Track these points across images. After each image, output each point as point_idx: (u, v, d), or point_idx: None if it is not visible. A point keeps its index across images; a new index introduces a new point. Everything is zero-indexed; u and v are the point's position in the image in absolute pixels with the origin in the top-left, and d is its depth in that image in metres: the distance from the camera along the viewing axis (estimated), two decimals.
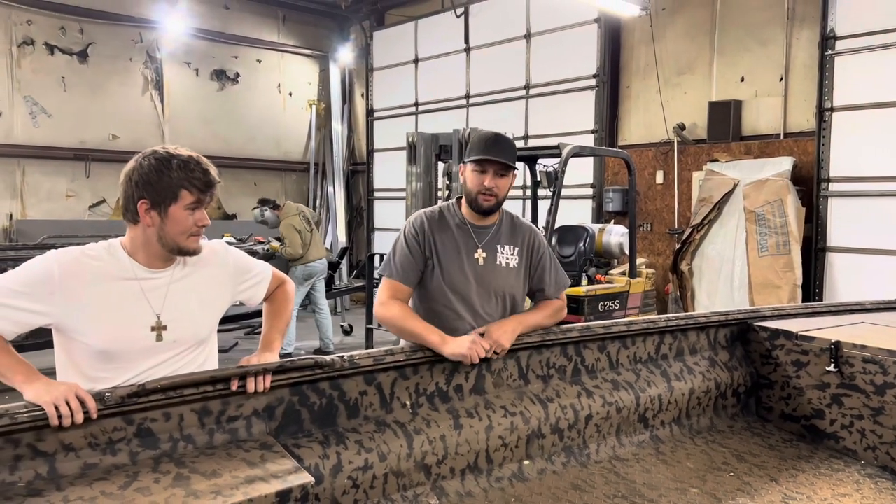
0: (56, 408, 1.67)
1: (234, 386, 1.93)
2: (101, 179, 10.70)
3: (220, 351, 2.37)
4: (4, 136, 9.85)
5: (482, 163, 2.52)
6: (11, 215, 10.04)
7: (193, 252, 2.02)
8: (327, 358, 2.11)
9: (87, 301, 1.90)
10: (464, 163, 2.61)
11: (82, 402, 1.71)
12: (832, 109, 7.15)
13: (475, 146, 2.56)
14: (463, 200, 2.66)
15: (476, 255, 2.60)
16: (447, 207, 2.69)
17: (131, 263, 1.98)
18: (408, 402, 2.28)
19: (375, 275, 2.67)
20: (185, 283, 2.07)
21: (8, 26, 9.86)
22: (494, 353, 2.42)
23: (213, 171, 2.01)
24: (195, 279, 2.09)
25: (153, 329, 1.98)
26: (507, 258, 2.64)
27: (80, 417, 1.69)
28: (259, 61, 12.49)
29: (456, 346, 2.33)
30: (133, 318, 1.96)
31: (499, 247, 2.64)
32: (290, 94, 12.95)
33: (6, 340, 1.88)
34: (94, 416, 1.72)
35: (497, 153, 2.51)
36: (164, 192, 1.91)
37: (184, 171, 1.92)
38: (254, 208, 8.47)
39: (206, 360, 2.16)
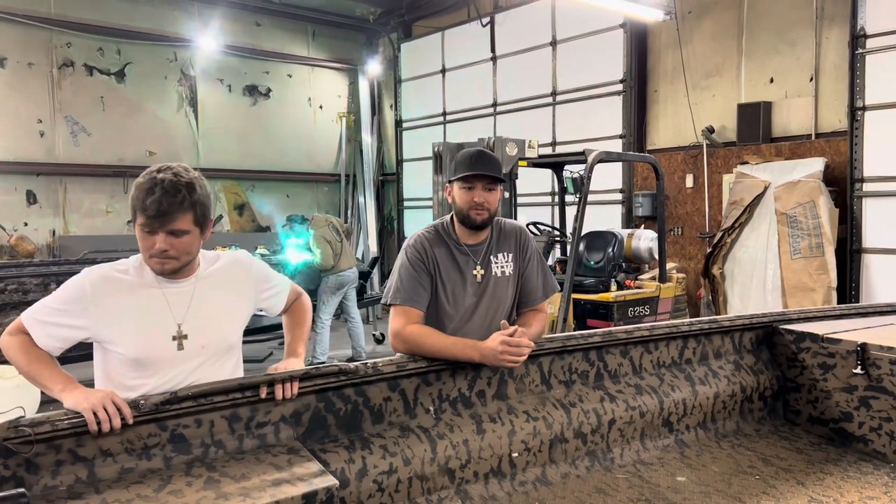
0: (94, 413, 1.76)
1: (263, 393, 2.00)
2: None
3: (255, 361, 2.45)
4: (47, 155, 10.18)
5: (469, 179, 2.50)
6: (54, 231, 10.35)
7: (158, 273, 2.03)
8: (351, 365, 2.18)
9: (117, 312, 2.00)
10: (450, 182, 2.59)
11: (119, 409, 1.80)
12: (864, 108, 7.04)
13: (461, 164, 2.54)
14: (455, 220, 2.62)
15: (475, 273, 2.58)
16: (441, 226, 2.65)
17: (154, 276, 2.06)
18: (431, 408, 2.33)
19: (383, 302, 2.65)
20: (210, 290, 2.13)
21: (49, 49, 10.20)
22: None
23: (182, 198, 1.94)
24: (219, 287, 2.16)
25: (174, 338, 2.05)
26: (503, 267, 2.62)
27: (117, 422, 1.78)
28: (290, 76, 12.70)
29: (492, 359, 2.30)
30: (156, 325, 2.04)
31: (492, 258, 2.62)
32: (321, 107, 13.14)
33: (52, 356, 2.01)
34: (130, 421, 1.81)
35: (483, 168, 2.50)
36: (133, 210, 1.98)
37: (142, 193, 1.94)
38: (283, 226, 8.60)
39: (236, 366, 2.23)
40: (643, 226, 8.62)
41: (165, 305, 2.05)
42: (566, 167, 7.08)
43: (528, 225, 6.88)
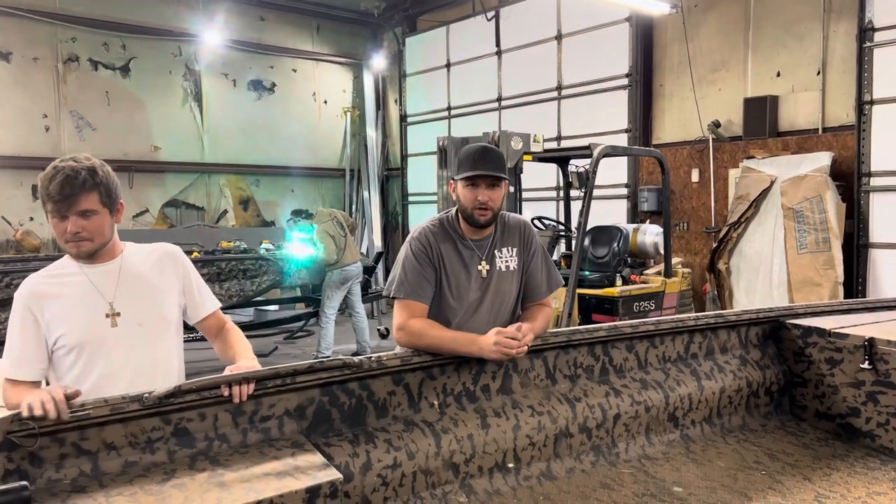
0: (30, 406, 1.71)
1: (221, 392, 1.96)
2: (143, 190, 11.00)
3: (261, 355, 2.44)
4: (52, 150, 10.17)
5: (472, 178, 2.48)
6: None
7: (76, 256, 2.15)
8: (356, 359, 2.17)
9: (55, 308, 2.12)
10: (453, 179, 2.57)
11: (55, 401, 1.73)
12: (872, 102, 7.00)
13: (464, 163, 2.52)
14: (460, 215, 2.61)
15: (480, 268, 2.58)
16: (446, 220, 2.63)
17: (77, 264, 2.18)
18: (435, 402, 2.33)
19: (385, 294, 2.68)
20: (138, 271, 2.23)
21: (54, 44, 10.20)
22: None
23: (83, 179, 2.02)
24: (148, 269, 2.26)
25: (107, 316, 2.15)
26: (507, 261, 2.62)
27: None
28: (294, 70, 12.69)
29: (489, 352, 2.31)
30: (88, 307, 2.15)
31: (497, 252, 2.61)
32: (325, 102, 13.12)
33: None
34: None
35: (486, 167, 2.48)
36: (42, 202, 2.08)
37: (46, 181, 2.03)
38: (287, 220, 8.62)
39: (178, 347, 2.33)
40: (649, 220, 8.60)
41: (92, 287, 2.15)
42: (571, 161, 7.06)
43: (533, 219, 6.86)
